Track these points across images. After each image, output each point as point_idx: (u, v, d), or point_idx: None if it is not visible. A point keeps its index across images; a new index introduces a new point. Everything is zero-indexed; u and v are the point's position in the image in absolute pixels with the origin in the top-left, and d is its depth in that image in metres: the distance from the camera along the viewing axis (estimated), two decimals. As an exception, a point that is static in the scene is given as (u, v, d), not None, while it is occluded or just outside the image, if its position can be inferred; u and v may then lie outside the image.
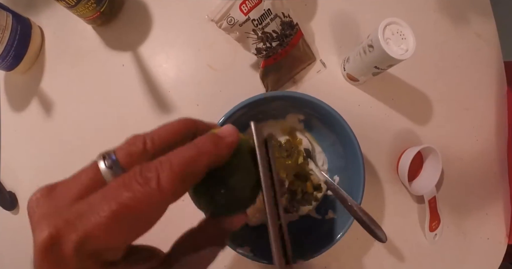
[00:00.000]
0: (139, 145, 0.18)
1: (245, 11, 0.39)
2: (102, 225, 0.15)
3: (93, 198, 0.16)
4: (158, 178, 0.16)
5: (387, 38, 0.38)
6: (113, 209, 0.15)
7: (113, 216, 0.15)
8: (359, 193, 0.38)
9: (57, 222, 0.15)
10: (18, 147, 0.51)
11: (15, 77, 0.51)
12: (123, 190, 0.16)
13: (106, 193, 0.16)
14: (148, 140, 0.18)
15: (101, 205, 0.15)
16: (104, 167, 0.17)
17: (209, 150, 0.18)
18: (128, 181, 0.16)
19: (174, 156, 0.17)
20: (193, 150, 0.18)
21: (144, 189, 0.16)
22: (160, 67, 0.49)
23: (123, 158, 0.18)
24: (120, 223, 0.15)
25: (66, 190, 0.17)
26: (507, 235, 0.50)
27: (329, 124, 0.41)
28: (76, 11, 0.45)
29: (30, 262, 0.49)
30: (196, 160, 0.18)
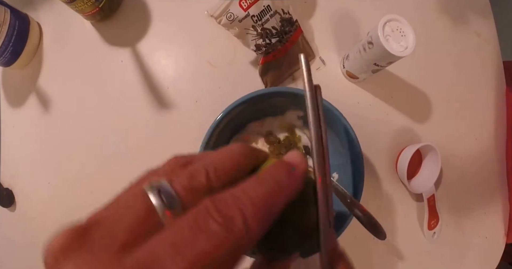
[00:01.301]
0: (201, 179, 0.14)
1: (244, 7, 0.39)
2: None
3: (159, 246, 0.12)
4: (243, 217, 0.13)
5: (387, 35, 0.37)
6: (191, 261, 0.11)
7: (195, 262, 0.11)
8: (358, 190, 0.38)
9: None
10: (15, 143, 0.51)
11: (13, 73, 0.51)
12: (199, 233, 0.12)
13: (175, 238, 0.12)
14: (211, 170, 0.15)
15: (174, 256, 0.11)
16: (160, 202, 0.13)
17: (287, 183, 0.15)
18: (203, 220, 0.12)
19: (251, 191, 0.14)
20: (270, 183, 0.15)
21: (228, 231, 0.12)
22: (159, 63, 0.49)
23: (183, 192, 0.14)
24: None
25: (107, 235, 0.12)
26: (505, 234, 0.50)
27: (329, 121, 0.40)
28: (75, 7, 0.44)
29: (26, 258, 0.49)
30: (277, 195, 0.14)
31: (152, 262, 0.11)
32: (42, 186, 0.49)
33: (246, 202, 0.13)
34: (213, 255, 0.12)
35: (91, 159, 0.49)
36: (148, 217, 0.13)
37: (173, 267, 0.11)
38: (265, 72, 0.45)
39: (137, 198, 0.13)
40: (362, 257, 0.46)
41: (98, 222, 0.13)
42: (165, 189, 0.13)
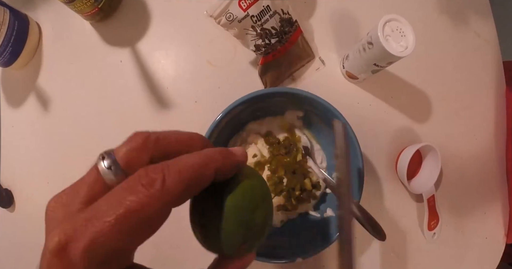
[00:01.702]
0: (138, 140, 0.18)
1: (244, 7, 0.39)
2: (107, 231, 0.15)
3: (99, 204, 0.16)
4: (164, 179, 0.16)
5: (387, 35, 0.37)
6: (118, 213, 0.15)
7: (118, 221, 0.15)
8: (358, 190, 0.38)
9: (66, 229, 0.15)
10: (15, 143, 0.51)
11: (12, 73, 0.51)
12: (127, 193, 0.15)
13: (110, 198, 0.16)
14: (152, 136, 0.18)
15: (107, 210, 0.15)
16: (104, 167, 0.17)
17: (217, 159, 0.18)
18: (133, 183, 0.16)
19: (183, 160, 0.17)
20: (202, 157, 0.18)
21: (149, 191, 0.15)
22: (158, 63, 0.49)
23: (123, 156, 0.17)
24: (125, 228, 0.15)
25: (74, 195, 0.17)
26: (505, 234, 0.50)
27: (328, 121, 0.40)
28: (74, 7, 0.44)
29: (25, 259, 0.49)
30: (204, 167, 0.17)
31: (94, 215, 0.15)
32: (42, 186, 0.49)
33: (172, 168, 0.16)
34: (135, 210, 0.15)
35: (90, 159, 0.48)
36: (99, 180, 0.17)
37: (106, 219, 0.15)
38: (265, 73, 0.45)
39: (94, 166, 0.18)
40: (362, 258, 0.46)
41: (70, 187, 0.18)
42: (109, 155, 0.18)
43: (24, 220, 0.50)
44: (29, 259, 0.49)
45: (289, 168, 0.41)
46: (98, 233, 0.15)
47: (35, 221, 0.49)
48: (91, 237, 0.15)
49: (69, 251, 0.15)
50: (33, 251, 0.49)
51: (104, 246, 0.15)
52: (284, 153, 0.42)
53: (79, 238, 0.15)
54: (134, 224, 0.15)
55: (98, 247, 0.15)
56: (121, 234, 0.15)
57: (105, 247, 0.15)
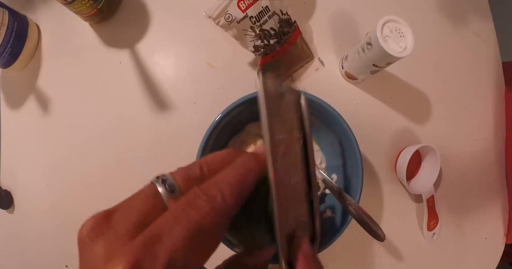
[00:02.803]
0: (196, 170, 0.18)
1: (243, 8, 0.39)
2: (181, 246, 0.15)
3: (162, 221, 0.15)
4: (222, 194, 0.17)
5: (386, 35, 0.37)
6: (188, 228, 0.15)
7: (189, 235, 0.15)
8: (357, 191, 0.38)
9: (134, 253, 0.14)
10: (14, 144, 0.51)
11: (11, 74, 0.51)
12: (191, 208, 0.16)
13: (174, 214, 0.16)
14: (204, 165, 0.19)
15: (174, 226, 0.15)
16: (164, 190, 0.17)
17: (253, 166, 0.19)
18: (193, 199, 0.16)
19: (227, 176, 0.18)
20: (240, 168, 0.19)
21: (211, 205, 0.16)
22: (158, 65, 0.49)
23: (181, 182, 0.18)
24: (196, 242, 0.15)
25: (126, 217, 0.16)
26: (504, 234, 0.50)
27: (327, 122, 0.40)
28: (73, 8, 0.44)
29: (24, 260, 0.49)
30: (246, 176, 0.18)
31: (157, 234, 0.15)
32: (41, 188, 0.49)
33: (224, 184, 0.17)
34: (202, 222, 0.15)
35: (89, 160, 0.49)
36: (156, 202, 0.17)
37: (174, 234, 0.15)
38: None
39: (149, 189, 0.17)
40: (361, 258, 0.46)
41: (118, 209, 0.16)
42: (168, 179, 0.17)
43: (24, 222, 0.50)
44: (28, 260, 0.49)
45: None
46: (172, 249, 0.14)
47: (34, 222, 0.49)
48: (167, 254, 0.14)
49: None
50: (32, 252, 0.49)
51: (179, 262, 0.15)
52: (284, 153, 0.41)
53: (154, 257, 0.14)
54: (202, 237, 0.15)
55: (174, 265, 0.14)
56: (193, 249, 0.15)
57: (180, 264, 0.15)
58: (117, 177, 0.48)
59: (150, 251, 0.14)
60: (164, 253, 0.14)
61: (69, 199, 0.48)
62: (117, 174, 0.48)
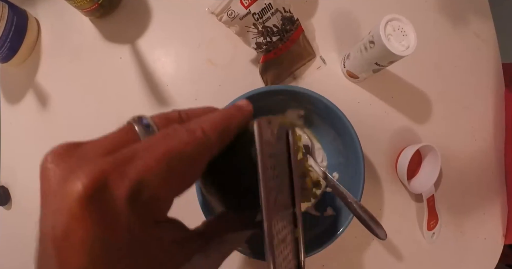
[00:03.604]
0: (175, 114, 0.18)
1: (246, 5, 0.38)
2: (154, 168, 0.14)
3: (137, 146, 0.14)
4: (202, 128, 0.16)
5: (388, 34, 0.37)
6: (164, 151, 0.14)
7: (164, 159, 0.14)
8: (358, 189, 0.37)
9: (100, 167, 0.13)
10: (12, 140, 0.50)
11: (10, 69, 0.51)
12: (168, 138, 0.15)
13: (150, 140, 0.15)
14: (183, 113, 0.19)
15: (149, 150, 0.14)
16: (141, 127, 0.16)
17: (235, 113, 0.19)
18: (172, 132, 0.15)
19: (210, 116, 0.18)
20: (222, 113, 0.19)
21: (191, 136, 0.15)
22: (158, 61, 0.49)
23: (159, 122, 0.17)
24: (170, 169, 0.14)
25: (96, 146, 0.15)
26: (503, 235, 0.50)
27: (329, 120, 0.40)
28: (74, 3, 0.44)
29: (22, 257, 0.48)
30: (229, 119, 0.18)
31: (130, 156, 0.14)
32: (38, 184, 0.48)
33: (205, 121, 0.17)
34: (180, 150, 0.15)
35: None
36: (129, 135, 0.16)
37: (148, 155, 0.14)
38: (266, 71, 0.45)
39: (123, 126, 0.17)
40: (361, 257, 0.46)
41: (90, 140, 0.16)
42: (145, 118, 0.17)
43: (21, 218, 0.49)
44: (26, 257, 0.49)
45: (290, 167, 0.41)
46: (145, 170, 0.13)
47: (32, 218, 0.49)
48: (139, 174, 0.13)
49: (109, 192, 0.12)
50: (30, 249, 0.48)
51: (151, 186, 0.13)
52: (285, 151, 0.41)
53: (122, 175, 0.13)
54: (179, 164, 0.15)
55: (145, 188, 0.13)
56: (167, 174, 0.14)
57: (152, 189, 0.13)
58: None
59: (118, 168, 0.13)
60: (134, 172, 0.13)
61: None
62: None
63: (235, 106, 0.21)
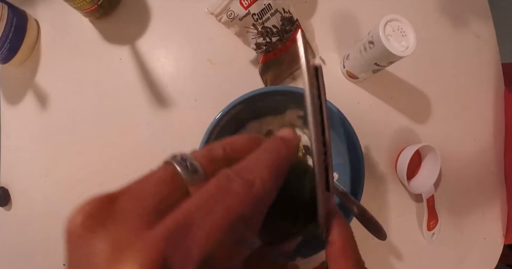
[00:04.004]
0: (219, 151, 0.15)
1: (245, 5, 0.38)
2: (217, 239, 0.12)
3: (190, 208, 0.12)
4: (262, 179, 0.14)
5: (388, 34, 0.37)
6: (225, 216, 0.12)
7: (226, 226, 0.12)
8: (358, 190, 0.37)
9: (156, 245, 0.11)
10: (12, 140, 0.50)
11: (10, 70, 0.51)
12: (223, 194, 0.13)
13: (204, 199, 0.13)
14: (227, 147, 0.16)
15: (207, 214, 0.12)
16: (185, 170, 0.14)
17: (285, 152, 0.17)
18: (226, 183, 0.13)
19: (261, 159, 0.15)
20: (273, 152, 0.16)
21: (250, 191, 0.13)
22: (158, 61, 0.49)
23: (205, 162, 0.14)
24: (233, 235, 0.12)
25: (137, 202, 0.12)
26: (503, 235, 0.50)
27: (330, 120, 0.40)
28: (73, 3, 0.44)
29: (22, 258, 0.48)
30: (281, 160, 0.16)
31: (186, 225, 0.11)
32: (39, 185, 0.48)
33: (260, 167, 0.15)
34: (240, 211, 0.13)
35: (88, 157, 0.48)
36: (175, 185, 0.13)
37: (208, 224, 0.12)
38: (265, 71, 0.45)
39: (162, 168, 0.14)
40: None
41: (126, 191, 0.13)
42: (188, 158, 0.14)
43: (21, 219, 0.49)
44: (26, 258, 0.49)
45: (290, 167, 0.40)
46: (208, 243, 0.11)
47: (32, 219, 0.49)
48: (202, 249, 0.11)
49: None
50: (30, 250, 0.48)
51: (217, 260, 0.12)
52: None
53: (184, 258, 0.11)
54: (239, 228, 0.13)
55: (213, 263, 0.12)
56: (231, 243, 0.12)
57: (218, 263, 0.12)
58: (115, 175, 0.47)
59: (178, 245, 0.11)
60: (197, 248, 0.11)
61: (66, 196, 0.48)
62: (115, 171, 0.47)
63: (283, 141, 0.17)
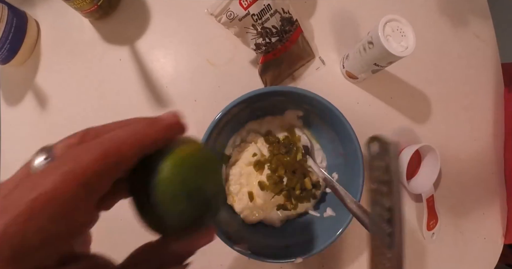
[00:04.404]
0: (76, 135, 0.17)
1: (245, 6, 0.38)
2: (19, 216, 0.13)
3: (12, 192, 0.15)
4: (77, 156, 0.15)
5: (387, 35, 0.37)
6: (31, 198, 0.14)
7: (30, 208, 0.13)
8: (358, 190, 0.38)
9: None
10: (12, 141, 0.50)
11: (10, 70, 0.51)
12: (42, 177, 0.14)
13: (23, 183, 0.15)
14: (91, 131, 0.17)
15: (19, 198, 0.14)
16: (42, 160, 0.16)
17: (142, 131, 0.17)
18: (50, 168, 0.15)
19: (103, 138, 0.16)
20: (124, 130, 0.17)
21: (61, 170, 0.14)
22: (158, 61, 0.49)
23: (60, 150, 0.16)
24: (41, 214, 0.14)
25: (3, 188, 0.16)
26: (503, 235, 0.50)
27: (328, 121, 0.40)
28: (73, 4, 0.44)
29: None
30: (125, 141, 0.16)
31: (8, 204, 0.14)
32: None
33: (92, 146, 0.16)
34: (48, 196, 0.14)
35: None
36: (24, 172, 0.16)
37: (17, 208, 0.13)
38: (265, 72, 0.45)
39: (28, 161, 0.17)
40: (361, 257, 0.46)
41: (4, 181, 0.16)
42: (49, 149, 0.17)
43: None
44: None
45: (289, 167, 0.41)
46: (10, 219, 0.13)
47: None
48: (3, 224, 0.13)
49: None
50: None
51: (17, 234, 0.13)
52: (284, 152, 0.41)
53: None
54: (50, 209, 0.14)
55: (10, 237, 0.13)
56: (38, 222, 0.13)
57: (19, 239, 0.13)
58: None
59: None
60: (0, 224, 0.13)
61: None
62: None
63: (149, 119, 0.18)
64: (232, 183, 0.41)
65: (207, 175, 0.19)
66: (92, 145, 0.15)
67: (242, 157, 0.42)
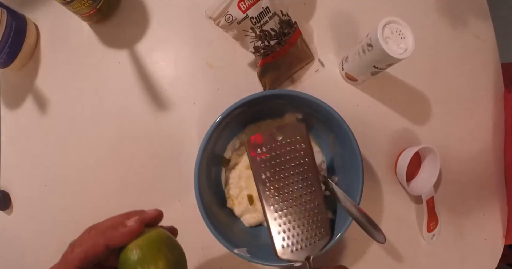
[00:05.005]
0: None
1: (243, 9, 0.38)
2: (81, 252, 0.26)
3: None
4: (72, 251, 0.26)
5: (386, 37, 0.37)
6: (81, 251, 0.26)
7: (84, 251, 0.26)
8: (357, 193, 0.37)
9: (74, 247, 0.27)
10: (12, 144, 0.50)
11: (9, 74, 0.51)
12: None
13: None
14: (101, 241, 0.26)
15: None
16: None
17: (106, 237, 0.26)
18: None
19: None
20: (95, 237, 0.26)
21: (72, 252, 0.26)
22: (157, 64, 0.49)
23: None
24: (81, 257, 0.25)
25: None
26: (504, 235, 0.50)
27: (328, 123, 0.40)
28: (72, 8, 0.44)
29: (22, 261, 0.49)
30: (95, 246, 0.26)
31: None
32: (39, 189, 0.49)
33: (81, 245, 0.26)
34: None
35: (87, 161, 0.48)
36: None
37: None
38: (264, 74, 0.45)
39: None
40: (361, 260, 0.46)
41: None
42: None
43: (22, 223, 0.49)
44: (26, 261, 0.49)
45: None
46: None
47: (32, 223, 0.49)
48: None
49: None
50: (30, 253, 0.48)
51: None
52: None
53: None
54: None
55: None
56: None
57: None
58: (115, 178, 0.48)
59: None
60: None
61: (67, 200, 0.48)
62: (115, 174, 0.48)
63: (114, 226, 0.26)
64: (232, 186, 0.41)
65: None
66: (76, 252, 0.26)
67: (241, 160, 0.42)
